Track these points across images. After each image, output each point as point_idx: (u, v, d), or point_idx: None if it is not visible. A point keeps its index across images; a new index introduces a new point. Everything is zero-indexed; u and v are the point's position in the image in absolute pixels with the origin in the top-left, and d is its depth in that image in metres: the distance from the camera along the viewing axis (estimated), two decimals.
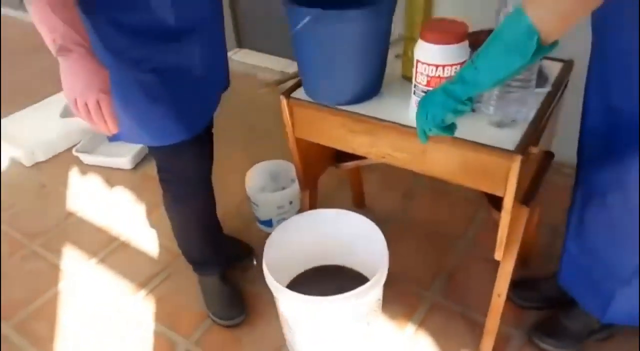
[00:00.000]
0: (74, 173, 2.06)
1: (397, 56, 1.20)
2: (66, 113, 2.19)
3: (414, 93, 0.97)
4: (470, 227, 1.62)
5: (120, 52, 0.96)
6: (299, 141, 1.18)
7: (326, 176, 1.39)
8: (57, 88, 2.35)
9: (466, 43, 0.91)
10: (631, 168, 0.94)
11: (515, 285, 1.34)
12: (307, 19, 0.92)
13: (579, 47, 1.04)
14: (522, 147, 0.90)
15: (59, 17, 0.81)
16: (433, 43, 0.89)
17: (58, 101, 2.33)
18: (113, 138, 1.09)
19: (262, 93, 1.21)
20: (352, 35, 0.96)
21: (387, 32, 1.03)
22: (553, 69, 1.09)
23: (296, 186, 1.52)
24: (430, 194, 1.76)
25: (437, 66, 0.90)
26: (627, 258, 1.04)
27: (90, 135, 2.13)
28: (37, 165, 2.12)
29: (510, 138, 0.92)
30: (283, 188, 1.64)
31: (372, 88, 1.07)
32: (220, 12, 1.14)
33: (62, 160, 2.13)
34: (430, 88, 0.92)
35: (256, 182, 1.64)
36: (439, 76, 0.91)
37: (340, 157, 1.33)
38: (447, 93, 0.78)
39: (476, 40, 0.91)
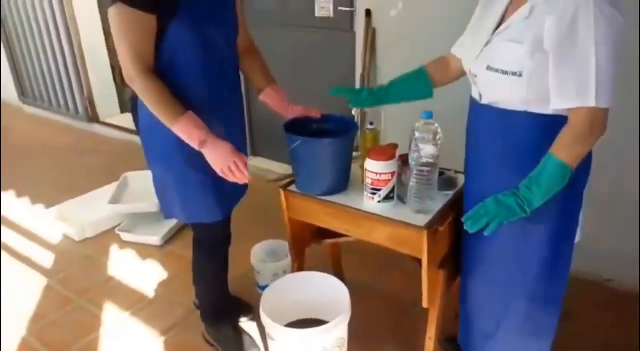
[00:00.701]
0: (114, 248, 2.57)
1: (360, 166, 1.77)
2: (113, 200, 2.75)
3: (365, 190, 1.52)
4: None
5: (187, 157, 1.47)
6: (291, 220, 1.71)
7: (313, 254, 1.89)
8: (106, 181, 2.97)
9: (395, 160, 1.47)
10: (486, 247, 1.39)
11: (448, 339, 1.77)
12: (297, 142, 1.50)
13: None
14: (429, 225, 1.41)
15: (195, 126, 1.35)
16: (374, 160, 1.46)
17: (107, 191, 2.91)
18: (167, 216, 1.62)
19: (269, 182, 1.74)
20: (327, 153, 1.53)
21: (351, 150, 1.61)
22: (460, 179, 1.64)
23: (289, 260, 2.01)
24: (399, 270, 2.23)
25: (376, 173, 1.45)
26: (490, 319, 1.46)
27: (130, 218, 2.68)
28: (85, 240, 2.64)
29: (424, 220, 1.44)
30: (279, 261, 2.14)
31: (341, 186, 1.61)
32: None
33: (106, 237, 2.66)
34: (374, 186, 1.46)
35: (259, 255, 2.14)
36: (377, 179, 1.46)
37: (322, 235, 1.84)
38: (521, 207, 1.17)
39: (404, 159, 1.50)
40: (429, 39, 2.20)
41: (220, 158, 1.37)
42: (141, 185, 2.87)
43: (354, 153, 1.66)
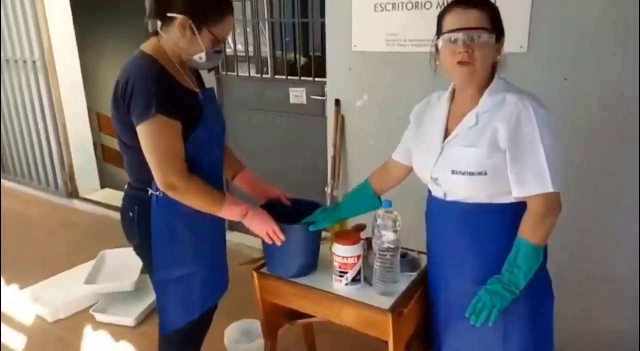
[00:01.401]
0: (88, 329, 2.55)
1: (330, 248, 1.87)
2: (89, 280, 2.77)
3: (334, 273, 1.61)
4: None
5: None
6: (264, 301, 1.77)
7: (287, 334, 1.92)
8: (84, 258, 2.98)
9: (360, 244, 1.57)
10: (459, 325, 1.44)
11: None
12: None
13: None
14: (393, 307, 1.50)
15: (235, 204, 1.51)
16: (341, 244, 1.56)
17: (83, 270, 2.92)
18: (166, 330, 1.65)
19: (242, 266, 1.84)
20: (297, 237, 1.63)
21: (319, 235, 1.71)
22: (423, 260, 1.75)
23: (261, 341, 2.04)
24: (371, 349, 2.25)
25: (343, 257, 1.55)
26: None
27: (106, 297, 2.68)
28: (58, 321, 2.62)
29: (388, 303, 1.52)
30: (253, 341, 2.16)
31: (310, 268, 1.70)
32: None
33: (80, 318, 2.64)
34: (341, 269, 1.55)
35: (233, 335, 2.16)
36: (345, 263, 1.56)
37: (295, 316, 1.89)
38: (510, 290, 1.27)
39: (369, 241, 1.61)
40: (391, 126, 2.40)
41: (261, 225, 1.55)
42: (119, 263, 2.90)
43: (324, 234, 1.77)
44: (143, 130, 1.39)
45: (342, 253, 1.55)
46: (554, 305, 1.46)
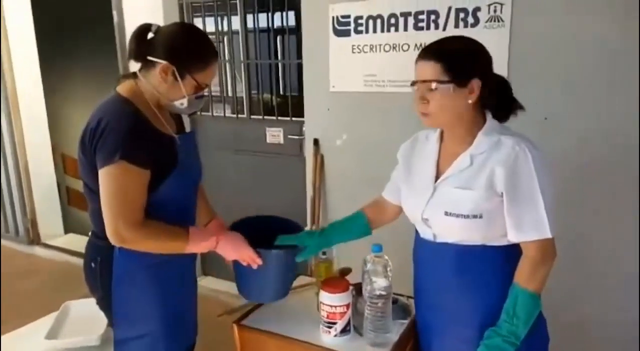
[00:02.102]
0: None
1: (315, 293, 1.77)
2: (51, 334, 2.55)
3: (321, 324, 1.51)
4: None
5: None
6: None
7: None
8: (46, 310, 2.79)
9: (349, 292, 1.49)
10: None
11: None
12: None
13: None
14: None
15: (202, 239, 1.41)
16: (328, 292, 1.48)
17: (45, 323, 2.70)
18: None
19: (220, 316, 1.73)
20: (275, 262, 1.50)
21: (294, 264, 1.56)
22: (412, 305, 1.67)
23: None
24: None
25: (331, 306, 1.47)
26: None
27: None
28: None
29: None
30: None
31: (285, 293, 1.58)
32: None
33: None
34: (330, 320, 1.46)
35: None
36: (333, 312, 1.47)
37: None
38: (510, 342, 1.22)
39: (358, 288, 1.53)
40: (372, 165, 2.38)
41: (232, 253, 1.44)
42: (84, 315, 2.68)
43: (308, 280, 1.68)
44: (103, 175, 1.30)
45: (330, 301, 1.47)
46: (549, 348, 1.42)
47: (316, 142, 2.62)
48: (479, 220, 1.25)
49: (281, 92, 3.04)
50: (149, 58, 1.36)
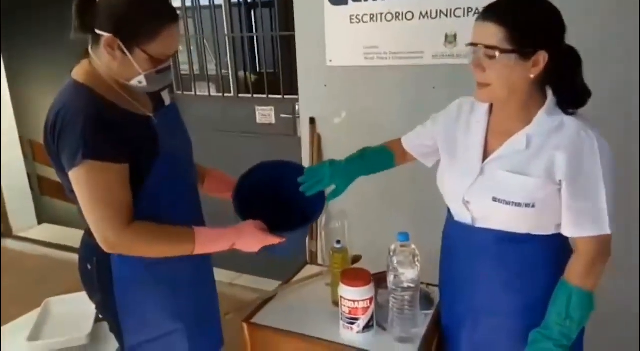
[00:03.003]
0: None
1: (327, 284, 1.64)
2: (34, 335, 2.37)
3: (341, 319, 1.39)
4: None
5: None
6: None
7: None
8: (23, 310, 2.60)
9: (371, 285, 1.37)
10: None
11: None
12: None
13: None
14: None
15: (210, 241, 1.26)
16: (349, 286, 1.35)
17: (24, 323, 2.51)
18: None
19: (226, 315, 1.59)
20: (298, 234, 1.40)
21: None
22: (435, 293, 1.56)
23: None
24: None
25: (354, 301, 1.34)
26: None
27: None
28: None
29: (408, 349, 1.33)
30: None
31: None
32: None
33: None
34: (352, 315, 1.34)
35: None
36: (355, 307, 1.34)
37: None
38: (562, 345, 1.12)
39: (379, 278, 1.40)
40: (372, 144, 2.24)
41: (255, 245, 1.30)
42: (67, 312, 2.51)
43: (319, 269, 1.55)
44: (72, 179, 1.14)
45: (352, 296, 1.34)
46: None
47: (312, 121, 2.46)
48: (531, 209, 1.13)
49: (272, 69, 2.85)
50: (96, 31, 1.15)
